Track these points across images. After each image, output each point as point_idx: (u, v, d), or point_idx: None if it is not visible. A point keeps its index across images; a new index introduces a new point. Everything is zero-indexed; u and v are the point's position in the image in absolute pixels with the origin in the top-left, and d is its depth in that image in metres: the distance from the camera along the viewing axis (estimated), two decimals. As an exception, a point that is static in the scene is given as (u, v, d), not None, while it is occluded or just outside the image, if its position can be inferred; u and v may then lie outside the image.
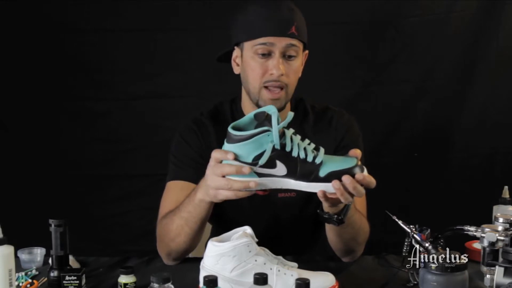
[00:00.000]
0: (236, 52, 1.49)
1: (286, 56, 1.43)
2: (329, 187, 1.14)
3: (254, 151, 1.13)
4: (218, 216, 1.46)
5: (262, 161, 1.12)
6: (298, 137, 1.17)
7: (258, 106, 1.47)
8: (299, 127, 1.53)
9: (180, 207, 1.37)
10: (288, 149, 1.14)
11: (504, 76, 2.30)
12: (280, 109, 1.46)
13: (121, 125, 2.33)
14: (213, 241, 1.24)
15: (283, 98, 1.45)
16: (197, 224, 1.34)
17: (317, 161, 1.14)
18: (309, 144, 1.17)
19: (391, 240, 1.40)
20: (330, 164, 1.14)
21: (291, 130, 1.17)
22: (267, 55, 1.42)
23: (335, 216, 1.28)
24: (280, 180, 1.16)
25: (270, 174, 1.15)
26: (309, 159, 1.14)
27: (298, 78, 1.50)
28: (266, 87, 1.44)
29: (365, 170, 1.17)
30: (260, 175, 1.15)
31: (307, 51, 1.52)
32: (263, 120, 1.13)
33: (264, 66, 1.43)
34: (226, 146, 1.16)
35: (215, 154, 1.18)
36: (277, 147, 1.13)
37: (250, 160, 1.14)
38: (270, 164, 1.14)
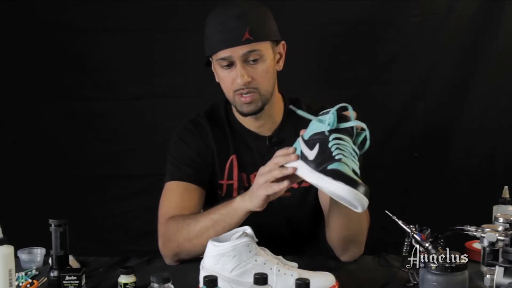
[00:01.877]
0: (212, 64, 1.52)
1: (250, 62, 1.43)
2: (321, 182, 1.16)
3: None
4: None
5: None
6: (353, 153, 1.20)
7: (238, 112, 1.51)
8: (294, 128, 1.53)
9: (211, 210, 1.39)
10: (330, 145, 1.18)
11: (504, 76, 2.30)
12: (258, 110, 1.49)
13: (121, 125, 2.33)
14: (213, 241, 1.24)
15: (257, 99, 1.47)
16: (224, 229, 1.33)
17: (337, 157, 1.17)
18: (353, 156, 1.20)
19: (391, 240, 1.40)
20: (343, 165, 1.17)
21: (356, 149, 1.22)
22: (230, 65, 1.44)
23: None
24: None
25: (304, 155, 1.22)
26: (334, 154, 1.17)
27: (278, 72, 1.51)
28: (238, 94, 1.46)
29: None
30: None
31: (282, 42, 1.52)
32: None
33: (230, 76, 1.45)
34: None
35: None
36: (326, 133, 1.19)
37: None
38: (311, 145, 1.21)
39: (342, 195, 1.13)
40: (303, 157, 1.22)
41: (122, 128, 2.33)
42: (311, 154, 1.20)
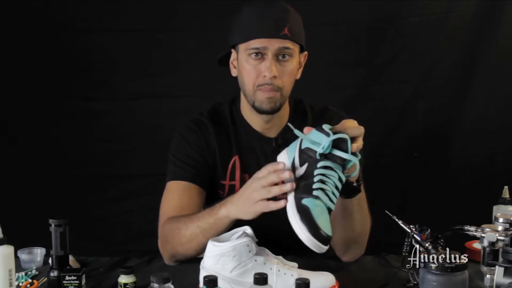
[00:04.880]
0: (233, 55, 1.50)
1: (280, 58, 1.43)
2: (290, 215, 1.18)
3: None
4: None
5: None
6: (336, 184, 1.18)
7: (254, 108, 1.48)
8: (299, 129, 1.53)
9: (199, 216, 1.37)
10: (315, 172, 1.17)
11: (504, 76, 2.30)
12: (276, 110, 1.48)
13: (121, 125, 2.33)
14: (213, 241, 1.24)
15: (278, 99, 1.46)
16: (214, 236, 1.32)
17: (314, 192, 1.16)
18: (335, 188, 1.18)
19: (391, 240, 1.40)
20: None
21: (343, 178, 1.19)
22: (260, 57, 1.42)
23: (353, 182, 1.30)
24: None
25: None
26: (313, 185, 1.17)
27: (295, 80, 1.50)
28: (260, 89, 1.44)
29: None
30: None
31: (306, 52, 1.52)
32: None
33: (257, 69, 1.43)
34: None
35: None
36: (317, 156, 1.17)
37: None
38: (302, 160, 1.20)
39: (301, 239, 1.14)
40: (293, 166, 1.22)
41: (122, 128, 2.33)
42: (300, 171, 1.20)
